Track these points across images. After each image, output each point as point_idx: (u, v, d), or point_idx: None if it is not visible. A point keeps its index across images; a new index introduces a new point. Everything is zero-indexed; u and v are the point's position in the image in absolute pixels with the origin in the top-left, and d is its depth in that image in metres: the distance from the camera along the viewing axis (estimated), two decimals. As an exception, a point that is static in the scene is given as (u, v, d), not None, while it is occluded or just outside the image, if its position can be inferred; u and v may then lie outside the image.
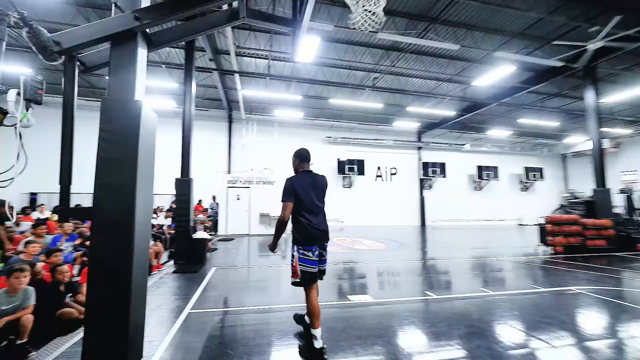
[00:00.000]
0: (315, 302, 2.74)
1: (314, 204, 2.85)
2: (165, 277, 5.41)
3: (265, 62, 10.80)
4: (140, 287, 2.02)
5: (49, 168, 12.35)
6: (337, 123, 16.91)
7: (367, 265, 6.84)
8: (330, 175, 16.71)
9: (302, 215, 2.77)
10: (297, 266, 2.75)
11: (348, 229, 14.98)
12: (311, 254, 2.73)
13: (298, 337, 3.07)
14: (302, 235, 2.76)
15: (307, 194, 2.81)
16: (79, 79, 2.01)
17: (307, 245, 2.74)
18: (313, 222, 2.78)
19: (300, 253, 2.75)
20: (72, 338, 3.10)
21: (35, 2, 7.60)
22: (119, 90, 1.98)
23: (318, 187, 2.93)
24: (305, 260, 2.74)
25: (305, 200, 2.78)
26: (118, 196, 1.85)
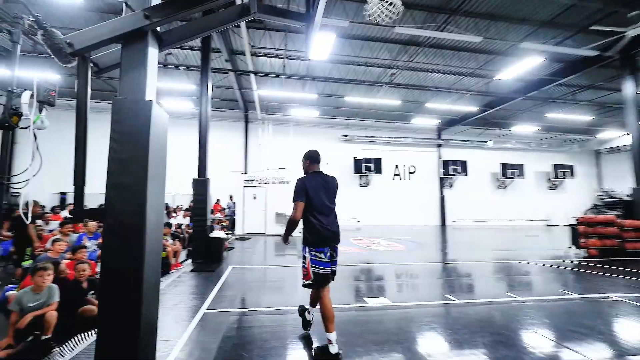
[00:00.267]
0: (329, 305, 2.71)
1: (325, 204, 2.83)
2: (183, 276, 5.49)
3: (281, 62, 10.80)
4: (152, 287, 2.00)
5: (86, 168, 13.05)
6: (353, 121, 16.71)
7: (384, 266, 6.67)
8: (346, 175, 16.57)
9: (313, 216, 2.75)
10: (310, 268, 2.73)
11: (365, 229, 14.78)
12: (323, 256, 2.71)
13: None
14: (313, 236, 2.74)
15: (318, 195, 2.80)
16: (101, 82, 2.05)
17: (318, 247, 2.72)
18: (324, 222, 2.76)
19: (312, 255, 2.73)
20: (93, 334, 3.18)
21: (59, 11, 7.94)
22: (130, 90, 1.97)
23: (329, 188, 2.92)
24: (317, 262, 2.72)
25: (316, 201, 2.77)
26: (129, 196, 1.84)
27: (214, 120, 15.38)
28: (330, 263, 2.78)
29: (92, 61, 2.10)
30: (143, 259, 1.82)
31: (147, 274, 1.88)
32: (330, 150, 16.56)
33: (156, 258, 2.04)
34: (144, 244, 1.83)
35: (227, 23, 2.37)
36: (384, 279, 5.66)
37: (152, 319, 2.05)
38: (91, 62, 2.08)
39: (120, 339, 1.81)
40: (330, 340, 2.62)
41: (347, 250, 8.56)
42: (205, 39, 7.26)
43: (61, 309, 3.11)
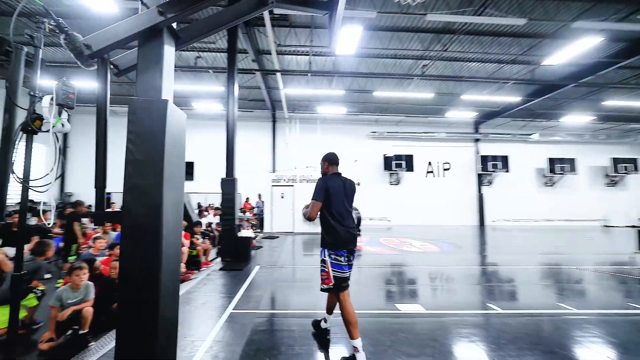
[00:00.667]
0: (351, 310, 2.65)
1: (344, 206, 2.80)
2: (213, 274, 5.59)
3: (307, 59, 10.69)
4: (170, 289, 1.95)
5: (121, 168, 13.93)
6: (383, 117, 16.18)
7: (417, 269, 6.29)
8: (375, 172, 16.13)
9: (333, 217, 2.72)
10: (330, 272, 2.70)
11: (395, 229, 14.27)
12: (342, 259, 2.70)
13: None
14: (332, 237, 2.72)
15: (339, 196, 2.77)
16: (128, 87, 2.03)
17: (338, 249, 2.70)
18: (344, 224, 2.74)
19: (332, 258, 2.71)
20: (126, 331, 3.29)
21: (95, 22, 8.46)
22: (146, 90, 1.93)
23: (347, 190, 2.89)
24: (337, 265, 2.70)
25: (337, 202, 2.75)
26: (145, 199, 1.80)
27: (242, 120, 15.78)
28: (347, 266, 2.75)
29: (112, 63, 2.10)
30: (160, 261, 1.77)
31: (165, 275, 1.83)
32: (358, 147, 16.22)
33: (175, 259, 1.99)
34: (161, 246, 1.77)
35: (244, 15, 2.26)
36: (417, 283, 5.32)
37: (171, 320, 2.00)
38: (111, 63, 2.07)
39: (138, 340, 1.78)
40: (356, 348, 2.51)
41: (376, 251, 8.26)
42: (231, 40, 7.34)
43: (96, 305, 3.25)
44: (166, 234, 1.82)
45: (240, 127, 15.67)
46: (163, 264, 1.78)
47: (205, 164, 14.91)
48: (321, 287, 2.80)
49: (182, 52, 10.21)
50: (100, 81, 1.97)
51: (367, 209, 14.90)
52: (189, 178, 15.27)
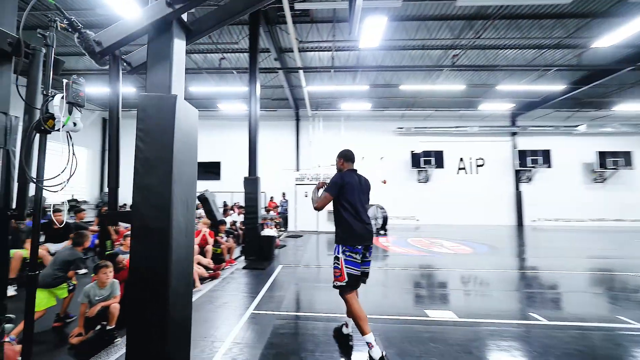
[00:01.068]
0: (359, 307, 2.64)
1: (360, 203, 2.78)
2: (236, 273, 5.61)
3: (329, 55, 10.49)
4: (181, 291, 1.88)
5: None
6: (410, 112, 15.57)
7: (448, 272, 5.89)
8: (403, 170, 15.57)
9: (349, 213, 2.70)
10: (344, 269, 2.67)
11: (424, 228, 13.67)
12: (357, 256, 2.67)
13: None
14: (347, 232, 2.70)
15: (354, 192, 2.76)
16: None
17: (353, 245, 2.66)
18: (360, 219, 2.71)
19: (346, 255, 2.68)
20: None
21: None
22: (156, 85, 1.86)
23: (363, 188, 2.89)
24: (352, 262, 2.67)
25: (352, 198, 2.73)
26: (154, 198, 1.73)
27: (266, 120, 15.95)
28: (362, 264, 2.72)
29: (125, 60, 2.06)
30: (169, 262, 1.70)
31: (175, 277, 1.75)
32: (384, 144, 15.75)
33: (186, 261, 1.92)
34: (170, 247, 1.70)
35: (255, 4, 2.12)
36: (448, 287, 4.95)
37: (183, 322, 1.93)
38: (123, 61, 2.04)
39: (147, 342, 1.72)
40: (370, 344, 2.50)
41: (404, 251, 7.90)
42: (253, 39, 7.34)
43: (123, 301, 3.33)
44: (176, 234, 1.75)
45: (264, 126, 15.90)
46: (172, 265, 1.71)
47: (232, 163, 15.28)
48: (334, 284, 2.75)
49: (207, 55, 10.46)
50: (112, 79, 1.94)
51: (394, 208, 14.44)
52: (216, 177, 15.75)
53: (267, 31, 8.55)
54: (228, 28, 8.96)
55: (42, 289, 3.21)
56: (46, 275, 3.30)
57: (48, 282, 3.28)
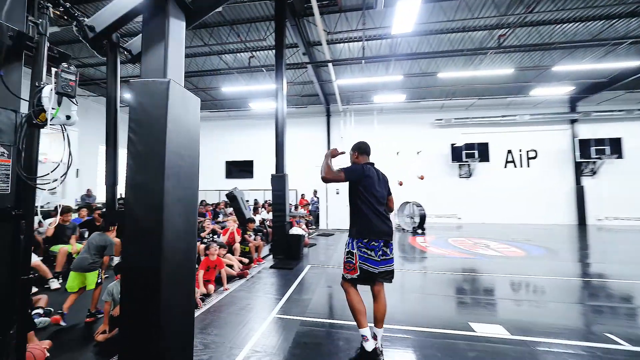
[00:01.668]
0: (359, 299, 2.57)
1: (379, 197, 2.61)
2: (263, 272, 5.49)
3: (360, 45, 10.00)
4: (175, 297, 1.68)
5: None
6: (450, 102, 14.44)
7: (496, 278, 5.19)
8: (442, 164, 14.54)
9: (367, 206, 2.55)
10: (357, 264, 2.52)
11: (467, 227, 12.58)
12: (374, 254, 2.49)
13: None
14: (364, 225, 2.54)
15: (375, 186, 2.60)
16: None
17: (370, 239, 2.50)
18: (378, 213, 2.55)
19: (362, 251, 2.52)
20: (173, 328, 3.28)
21: None
22: (151, 71, 1.68)
23: (384, 181, 2.75)
24: (368, 259, 2.51)
25: (371, 189, 2.58)
26: (145, 197, 1.54)
27: (297, 117, 15.87)
28: (381, 262, 2.52)
29: (125, 48, 1.91)
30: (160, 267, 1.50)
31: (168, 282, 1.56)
32: (421, 138, 14.83)
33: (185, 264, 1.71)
34: (162, 250, 1.50)
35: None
36: (497, 296, 4.32)
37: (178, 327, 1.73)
38: (123, 49, 1.89)
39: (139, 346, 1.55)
40: (365, 337, 2.46)
41: (444, 253, 7.23)
42: (278, 33, 7.15)
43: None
44: (170, 236, 1.55)
45: (295, 123, 15.88)
46: (164, 269, 1.50)
47: (264, 161, 15.46)
48: (344, 275, 2.63)
49: (237, 54, 10.57)
50: (110, 68, 1.80)
51: (433, 205, 13.55)
52: (249, 175, 16.08)
53: (294, 24, 8.33)
54: (255, 25, 8.91)
55: (76, 273, 3.37)
56: (83, 259, 3.44)
57: (84, 266, 3.40)
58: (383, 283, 2.65)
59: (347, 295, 2.60)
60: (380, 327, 2.59)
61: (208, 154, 16.76)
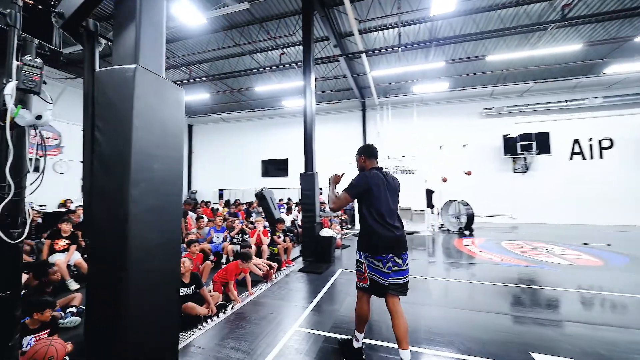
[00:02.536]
0: (366, 309, 2.48)
1: (387, 205, 2.42)
2: (291, 275, 5.23)
3: (395, 32, 9.28)
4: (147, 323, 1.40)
5: (234, 168, 15.59)
6: (501, 88, 12.91)
7: (564, 293, 4.29)
8: (493, 158, 13.10)
9: (373, 218, 2.38)
10: (367, 274, 2.41)
11: (524, 228, 11.11)
12: (382, 265, 2.33)
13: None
14: (370, 239, 2.38)
15: (381, 194, 2.40)
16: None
17: (377, 254, 2.34)
18: (387, 225, 2.36)
19: (369, 261, 2.38)
20: (193, 334, 3.14)
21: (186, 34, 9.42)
22: (122, 57, 1.43)
23: (391, 187, 2.52)
24: (376, 270, 2.36)
25: (380, 201, 2.39)
26: (108, 207, 1.29)
27: (330, 113, 15.47)
28: (392, 273, 2.35)
29: (105, 37, 1.70)
30: (123, 295, 1.24)
31: (137, 307, 1.30)
32: (467, 129, 13.51)
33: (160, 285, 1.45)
34: (126, 271, 1.24)
35: None
36: (566, 317, 3.50)
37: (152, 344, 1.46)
38: (103, 37, 1.68)
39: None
40: (356, 338, 2.54)
41: (496, 259, 6.32)
42: (305, 24, 6.81)
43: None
44: (138, 254, 1.28)
45: (328, 119, 15.51)
46: (131, 295, 1.24)
47: (299, 159, 15.32)
48: (357, 284, 2.54)
49: (268, 52, 10.49)
50: (86, 59, 1.60)
51: (482, 204, 12.27)
52: (284, 174, 16.12)
53: (324, 15, 7.95)
54: (284, 20, 8.70)
55: None
56: None
57: None
58: (397, 296, 2.43)
59: (357, 302, 2.51)
60: (406, 348, 2.29)
61: (244, 154, 17.21)
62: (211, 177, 17.77)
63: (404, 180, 10.86)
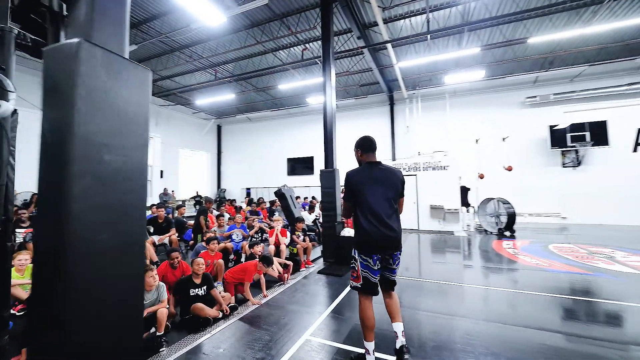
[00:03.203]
0: (369, 313, 2.33)
1: (378, 202, 2.32)
2: (310, 277, 4.98)
3: (423, 18, 8.64)
4: (92, 329, 1.20)
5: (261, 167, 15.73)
6: (546, 74, 11.60)
7: (628, 307, 3.56)
8: (538, 152, 11.86)
9: (363, 216, 2.33)
10: (360, 272, 2.36)
11: (575, 230, 9.86)
12: (371, 262, 2.31)
13: None
14: (359, 237, 2.37)
15: (370, 190, 2.34)
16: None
17: (365, 252, 2.32)
18: (376, 223, 2.29)
19: (362, 258, 2.36)
20: (201, 337, 3.01)
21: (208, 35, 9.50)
22: (72, 33, 1.25)
23: (385, 182, 2.39)
24: (367, 267, 2.33)
25: (366, 198, 2.33)
26: (49, 205, 1.10)
27: (356, 109, 15.01)
28: (380, 270, 2.36)
29: (21, 30, 1.55)
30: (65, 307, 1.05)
31: (79, 325, 1.11)
32: (507, 121, 12.35)
33: (118, 299, 1.24)
34: (65, 282, 1.05)
35: None
36: (631, 339, 2.85)
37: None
38: (20, 31, 1.55)
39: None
40: (367, 350, 2.31)
41: (543, 265, 5.56)
42: (325, 15, 6.50)
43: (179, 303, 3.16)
44: (80, 258, 1.08)
45: (353, 115, 15.08)
46: (73, 311, 1.04)
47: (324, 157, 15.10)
48: (350, 284, 2.51)
49: (290, 49, 10.34)
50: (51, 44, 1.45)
51: (525, 202, 11.17)
52: (309, 172, 15.96)
53: (345, 5, 7.59)
54: (305, 14, 8.47)
55: None
56: None
57: None
58: (391, 292, 2.45)
59: (359, 305, 2.38)
60: (399, 321, 2.39)
61: (270, 152, 17.33)
62: (239, 176, 18.16)
63: (436, 177, 10.16)
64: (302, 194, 13.17)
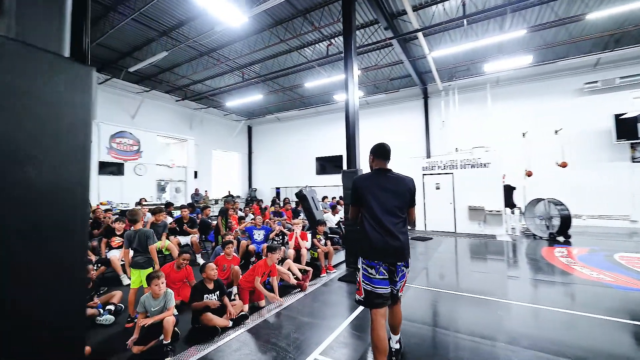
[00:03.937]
0: (380, 333, 2.14)
1: (385, 209, 2.25)
2: (330, 285, 4.68)
3: (457, 1, 7.86)
4: None
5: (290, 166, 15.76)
6: (609, 54, 10.03)
7: None
8: (599, 145, 10.36)
9: (368, 222, 2.27)
10: (361, 283, 2.28)
11: (650, 236, 8.37)
12: (374, 272, 2.21)
13: None
14: (363, 243, 2.30)
15: (374, 197, 2.27)
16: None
17: (369, 260, 2.24)
18: (380, 230, 2.21)
19: (364, 268, 2.27)
20: (206, 348, 2.89)
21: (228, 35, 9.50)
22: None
23: (393, 189, 2.29)
24: (367, 277, 2.24)
25: (372, 204, 2.27)
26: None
27: (387, 104, 14.33)
28: (380, 281, 2.21)
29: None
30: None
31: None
32: (560, 111, 10.94)
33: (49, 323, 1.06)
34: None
35: None
36: None
37: None
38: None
39: None
40: None
41: (605, 279, 4.67)
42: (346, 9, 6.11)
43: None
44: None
45: (385, 111, 14.44)
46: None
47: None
48: (355, 298, 2.39)
49: (315, 45, 10.08)
50: None
51: (582, 203, 9.81)
52: (338, 171, 15.60)
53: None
54: (328, 7, 8.14)
55: (134, 269, 3.55)
56: (138, 257, 3.60)
57: (140, 263, 3.56)
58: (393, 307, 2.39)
59: (371, 326, 2.22)
60: (397, 334, 2.47)
61: (299, 152, 17.30)
62: (269, 176, 18.40)
63: (476, 175, 9.27)
64: (332, 193, 12.86)
